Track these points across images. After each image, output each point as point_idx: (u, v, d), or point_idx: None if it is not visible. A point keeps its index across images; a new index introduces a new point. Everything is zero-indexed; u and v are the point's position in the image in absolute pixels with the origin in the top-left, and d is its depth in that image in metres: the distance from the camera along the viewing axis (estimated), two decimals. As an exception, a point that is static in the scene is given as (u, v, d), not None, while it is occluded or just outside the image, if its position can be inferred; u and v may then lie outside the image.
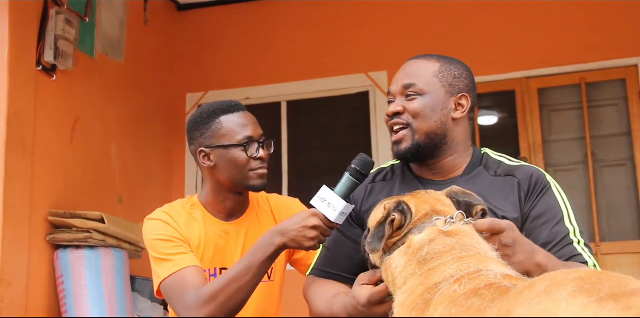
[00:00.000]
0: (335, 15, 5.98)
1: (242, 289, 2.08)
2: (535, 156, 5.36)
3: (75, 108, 4.78)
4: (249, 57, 6.12)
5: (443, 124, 2.03)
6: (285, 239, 2.03)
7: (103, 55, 5.17)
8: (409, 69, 2.10)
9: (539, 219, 1.96)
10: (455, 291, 1.37)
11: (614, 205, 5.28)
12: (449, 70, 2.08)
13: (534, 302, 1.14)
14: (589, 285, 1.12)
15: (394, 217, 1.62)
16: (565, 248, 1.92)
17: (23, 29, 4.28)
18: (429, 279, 1.48)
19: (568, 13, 5.44)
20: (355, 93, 5.87)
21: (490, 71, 5.47)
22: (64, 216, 4.37)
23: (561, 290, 1.13)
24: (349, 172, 2.01)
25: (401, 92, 2.07)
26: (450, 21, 5.67)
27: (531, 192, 1.99)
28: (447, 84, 2.06)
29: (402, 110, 2.04)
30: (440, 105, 2.04)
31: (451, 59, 2.13)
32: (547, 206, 1.97)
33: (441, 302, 1.38)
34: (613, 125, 5.37)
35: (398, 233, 1.62)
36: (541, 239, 1.92)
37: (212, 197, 2.41)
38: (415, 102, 2.03)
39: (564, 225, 1.95)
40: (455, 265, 1.48)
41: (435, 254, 1.54)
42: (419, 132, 2.02)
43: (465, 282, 1.39)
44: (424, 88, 2.04)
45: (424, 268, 1.52)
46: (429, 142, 2.03)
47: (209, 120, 2.35)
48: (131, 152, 5.45)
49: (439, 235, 1.58)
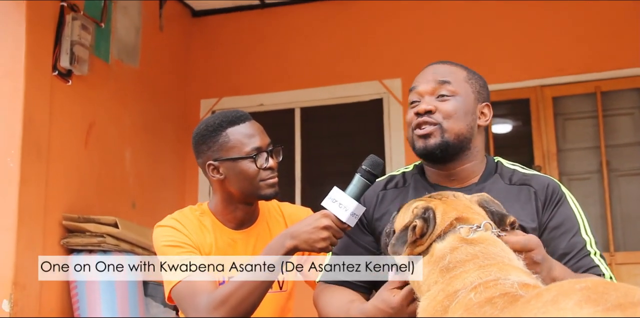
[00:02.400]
0: (350, 23, 5.99)
1: (253, 292, 2.07)
2: (550, 165, 5.33)
3: (90, 113, 4.81)
4: (263, 64, 6.13)
5: (472, 128, 2.02)
6: (297, 241, 2.02)
7: (118, 61, 5.20)
8: (439, 70, 2.07)
9: (557, 230, 1.96)
10: (471, 299, 1.38)
11: (628, 214, 5.24)
12: (475, 79, 2.08)
13: (540, 312, 1.15)
14: (596, 295, 1.12)
15: (416, 224, 1.61)
16: (583, 259, 1.92)
17: (39, 34, 4.31)
18: (450, 286, 1.48)
19: (583, 21, 5.43)
20: (369, 100, 5.87)
21: (505, 79, 5.45)
22: (77, 220, 4.39)
23: (567, 299, 1.13)
24: (359, 173, 2.00)
25: (432, 91, 2.03)
26: (465, 29, 5.67)
27: (548, 202, 1.98)
28: (476, 91, 2.06)
29: (434, 109, 2.00)
30: (470, 109, 2.03)
31: (472, 70, 2.14)
32: (564, 217, 1.97)
33: (457, 310, 1.39)
34: (628, 134, 5.35)
35: (421, 242, 1.61)
36: (559, 250, 1.93)
37: (222, 206, 2.40)
38: (448, 103, 2.00)
39: (581, 236, 1.95)
40: (475, 273, 1.47)
41: (457, 263, 1.54)
42: (450, 132, 1.98)
43: (481, 290, 1.39)
44: (457, 89, 2.02)
45: (446, 276, 1.52)
46: (457, 143, 1.99)
47: (215, 133, 2.33)
48: (145, 157, 5.47)
49: (462, 244, 1.57)
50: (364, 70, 5.86)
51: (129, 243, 4.47)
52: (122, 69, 5.25)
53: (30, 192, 4.12)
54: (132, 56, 5.40)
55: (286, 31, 6.15)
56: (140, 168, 5.37)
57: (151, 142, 5.58)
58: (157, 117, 5.72)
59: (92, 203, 4.70)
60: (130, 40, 5.38)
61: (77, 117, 4.67)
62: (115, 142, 5.10)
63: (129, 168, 5.24)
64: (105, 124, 4.98)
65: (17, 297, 3.96)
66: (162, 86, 5.85)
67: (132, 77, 5.37)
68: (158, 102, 5.75)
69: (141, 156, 5.41)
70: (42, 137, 4.28)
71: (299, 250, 2.05)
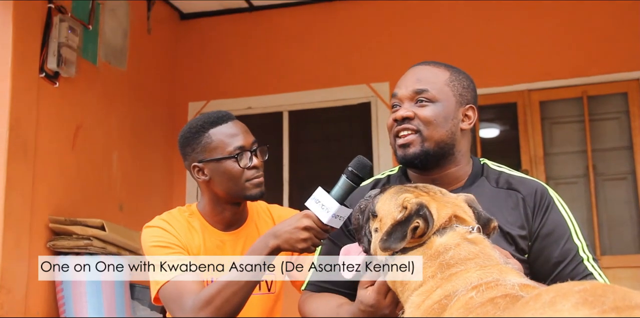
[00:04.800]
0: (338, 26, 6.00)
1: (238, 292, 2.06)
2: (537, 169, 5.36)
3: (77, 115, 4.79)
4: (252, 67, 6.13)
5: (453, 134, 1.98)
6: (279, 241, 2.01)
7: (106, 63, 5.18)
8: (419, 74, 2.03)
9: (548, 238, 1.93)
10: (472, 297, 1.37)
11: (614, 218, 5.27)
12: (458, 80, 2.03)
13: (537, 313, 1.15)
14: (593, 297, 1.12)
15: (418, 225, 1.58)
16: (577, 267, 1.91)
17: (26, 36, 4.29)
18: (449, 284, 1.46)
19: (571, 26, 5.46)
20: (357, 104, 5.88)
21: (492, 83, 5.47)
22: (64, 223, 4.37)
23: (565, 301, 1.14)
24: (345, 175, 1.97)
25: (411, 97, 1.99)
26: (452, 33, 5.69)
27: (537, 208, 1.96)
28: (458, 94, 2.01)
29: (413, 115, 1.97)
30: (451, 114, 1.98)
31: (458, 69, 2.09)
32: (555, 223, 1.95)
33: (457, 309, 1.38)
34: (614, 138, 5.37)
35: (417, 240, 1.59)
36: (553, 259, 1.91)
37: (210, 208, 2.39)
38: (427, 109, 1.97)
39: (573, 242, 1.94)
40: (477, 273, 1.47)
41: (459, 260, 1.52)
42: (430, 140, 1.95)
43: (483, 289, 1.39)
44: (436, 95, 1.98)
45: (445, 272, 1.50)
46: (438, 150, 1.96)
47: (198, 134, 2.33)
48: (132, 160, 5.45)
49: (464, 241, 1.56)
50: (352, 74, 5.87)
51: (116, 246, 4.46)
52: (110, 71, 5.24)
53: (16, 194, 4.10)
54: (120, 58, 5.38)
55: (274, 34, 6.15)
56: (127, 170, 5.36)
57: (139, 144, 5.57)
58: (145, 120, 5.70)
59: (78, 206, 4.68)
60: (118, 42, 5.37)
61: (64, 119, 4.65)
62: (102, 144, 5.08)
63: (116, 171, 5.23)
64: (92, 126, 4.96)
65: (3, 300, 3.94)
66: (150, 89, 5.83)
67: (119, 80, 5.36)
68: (146, 105, 5.73)
69: (128, 158, 5.39)
70: (29, 139, 4.26)
71: (282, 250, 2.04)
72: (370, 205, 1.73)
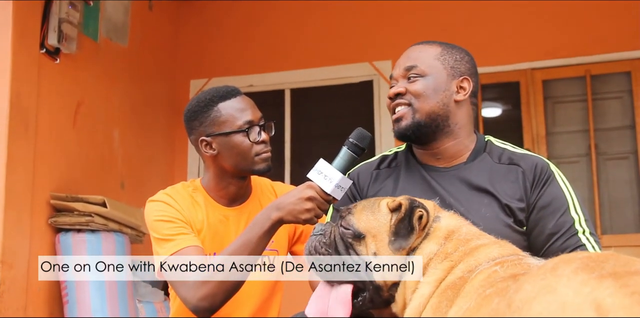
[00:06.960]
0: (341, 4, 5.96)
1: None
2: (539, 148, 5.35)
3: (78, 92, 4.78)
4: (253, 44, 6.10)
5: (445, 105, 2.04)
6: (282, 213, 2.02)
7: (107, 40, 5.15)
8: (410, 53, 2.12)
9: (545, 209, 1.96)
10: (496, 271, 1.43)
11: (616, 198, 5.27)
12: (450, 54, 2.09)
13: (539, 278, 1.19)
14: (594, 263, 1.17)
15: (422, 213, 1.61)
16: (570, 239, 1.93)
17: (27, 12, 4.26)
18: (472, 258, 1.52)
19: (574, 5, 5.42)
20: (359, 82, 5.86)
21: (495, 62, 5.45)
22: (65, 199, 4.37)
23: (566, 266, 1.18)
24: (346, 146, 2.02)
25: (403, 74, 2.08)
26: (455, 11, 5.65)
27: (536, 181, 1.99)
28: (449, 67, 2.07)
29: (404, 91, 2.06)
30: (442, 86, 2.05)
31: (452, 44, 2.15)
32: (553, 196, 1.98)
33: (479, 280, 1.43)
34: (617, 118, 5.36)
35: (420, 233, 1.62)
36: (547, 230, 1.94)
37: (214, 182, 2.40)
38: (416, 83, 2.05)
39: (569, 215, 1.96)
40: (497, 249, 1.54)
41: (473, 235, 1.59)
42: (420, 112, 2.03)
43: (508, 265, 1.45)
44: (425, 70, 2.05)
45: (466, 246, 1.56)
46: (430, 122, 2.03)
47: (207, 108, 2.33)
48: (134, 137, 5.45)
49: (465, 222, 1.64)
50: (354, 52, 5.84)
51: (117, 222, 4.47)
52: (111, 47, 5.21)
53: (17, 171, 4.10)
54: (121, 35, 5.35)
55: (277, 12, 6.11)
56: (128, 147, 5.35)
57: (140, 121, 5.56)
58: (146, 97, 5.68)
59: (80, 183, 4.68)
60: (119, 19, 5.33)
61: (65, 96, 4.63)
62: (103, 121, 5.07)
63: (117, 148, 5.22)
64: (93, 103, 4.95)
65: (5, 276, 3.95)
66: (152, 66, 5.81)
67: (120, 56, 5.33)
68: (147, 82, 5.71)
69: (130, 135, 5.38)
70: (30, 116, 4.25)
71: (285, 222, 2.05)
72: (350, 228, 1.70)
